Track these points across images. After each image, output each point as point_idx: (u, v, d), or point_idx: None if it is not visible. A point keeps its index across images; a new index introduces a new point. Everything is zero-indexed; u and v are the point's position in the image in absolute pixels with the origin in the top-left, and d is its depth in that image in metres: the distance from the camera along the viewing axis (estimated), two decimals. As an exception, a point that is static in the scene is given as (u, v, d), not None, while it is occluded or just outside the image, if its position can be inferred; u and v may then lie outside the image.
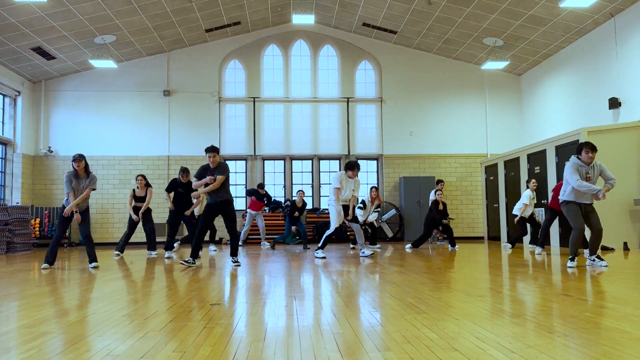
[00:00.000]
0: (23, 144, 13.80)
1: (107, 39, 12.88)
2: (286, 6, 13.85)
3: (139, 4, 11.56)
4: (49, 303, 4.07)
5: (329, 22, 14.86)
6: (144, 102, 14.71)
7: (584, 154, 6.50)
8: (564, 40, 12.71)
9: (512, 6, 11.51)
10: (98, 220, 14.38)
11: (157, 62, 14.81)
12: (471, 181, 15.15)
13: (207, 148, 7.18)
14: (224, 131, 14.89)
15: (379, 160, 15.24)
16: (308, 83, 15.23)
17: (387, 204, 14.78)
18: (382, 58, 15.26)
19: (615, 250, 9.43)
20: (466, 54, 14.83)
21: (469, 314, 3.37)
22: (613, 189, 9.88)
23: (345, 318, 3.32)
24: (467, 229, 15.03)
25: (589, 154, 6.47)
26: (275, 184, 15.09)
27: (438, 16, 12.77)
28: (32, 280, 5.73)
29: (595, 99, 11.86)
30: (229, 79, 15.10)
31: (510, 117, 15.39)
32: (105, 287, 4.99)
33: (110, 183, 14.36)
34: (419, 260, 7.86)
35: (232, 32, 14.69)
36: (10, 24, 11.11)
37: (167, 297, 4.31)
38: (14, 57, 12.59)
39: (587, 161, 6.49)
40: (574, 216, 6.52)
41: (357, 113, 15.23)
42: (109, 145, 14.51)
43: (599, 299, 3.92)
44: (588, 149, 6.46)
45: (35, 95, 14.44)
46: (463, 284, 4.88)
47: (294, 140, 15.02)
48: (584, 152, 6.49)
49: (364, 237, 9.88)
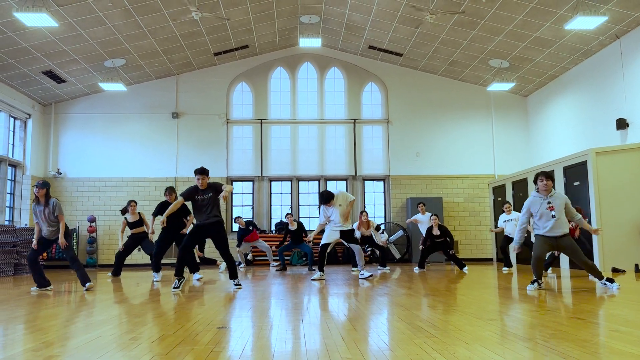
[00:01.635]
0: (32, 166, 13.93)
1: (117, 62, 13.07)
2: (293, 30, 14.03)
3: (148, 29, 11.75)
4: (55, 326, 4.05)
5: (336, 45, 15.02)
6: (152, 125, 14.84)
7: (539, 183, 6.47)
8: (570, 62, 12.76)
9: (518, 28, 11.59)
10: (105, 242, 14.39)
11: (166, 85, 14.99)
12: (479, 202, 15.08)
13: (197, 170, 6.94)
14: (231, 153, 14.96)
15: (385, 181, 15.23)
16: (315, 105, 15.33)
17: (395, 225, 14.72)
18: (389, 80, 15.37)
19: (626, 273, 9.30)
20: (472, 76, 14.90)
21: (480, 338, 3.31)
22: (616, 212, 9.86)
23: (354, 342, 3.27)
24: (476, 251, 14.91)
25: (543, 182, 6.42)
26: (282, 205, 15.09)
27: (444, 39, 12.88)
28: (39, 303, 5.71)
29: (603, 120, 11.84)
30: (236, 101, 15.23)
31: (517, 138, 15.38)
32: (111, 310, 4.97)
33: (118, 205, 14.39)
34: (427, 282, 7.78)
35: (240, 55, 14.87)
36: (22, 49, 11.30)
37: (173, 319, 4.28)
38: (25, 80, 12.79)
39: (544, 189, 6.41)
40: (537, 249, 6.47)
41: (363, 134, 15.28)
42: (117, 167, 14.61)
43: (611, 323, 3.85)
44: (543, 177, 6.44)
45: (45, 118, 14.61)
46: (473, 307, 4.82)
47: (300, 161, 15.06)
48: (539, 181, 6.47)
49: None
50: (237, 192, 15.07)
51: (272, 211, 15.08)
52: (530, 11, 10.78)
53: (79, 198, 14.42)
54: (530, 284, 6.42)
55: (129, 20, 11.18)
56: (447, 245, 10.44)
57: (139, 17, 11.15)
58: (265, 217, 14.90)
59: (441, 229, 10.49)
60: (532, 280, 6.47)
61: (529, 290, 6.23)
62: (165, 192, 9.25)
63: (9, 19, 10.00)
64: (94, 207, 14.43)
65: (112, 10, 10.62)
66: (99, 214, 14.39)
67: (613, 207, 9.94)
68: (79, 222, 14.25)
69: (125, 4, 10.50)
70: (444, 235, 10.46)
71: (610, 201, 9.97)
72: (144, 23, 11.47)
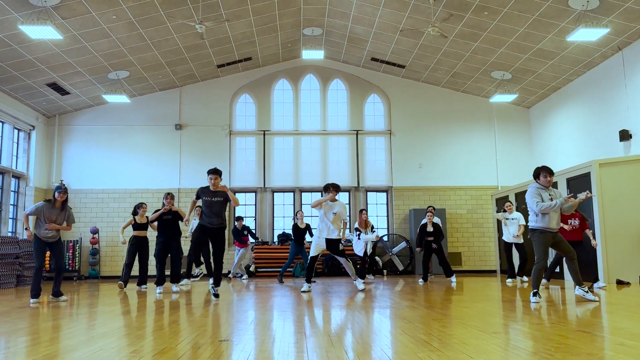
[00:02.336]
0: (36, 177, 13.96)
1: (120, 74, 13.14)
2: (296, 42, 14.11)
3: (152, 41, 11.83)
4: (58, 338, 4.03)
5: (338, 57, 15.09)
6: (155, 136, 14.89)
7: (542, 178, 6.53)
8: (573, 74, 12.78)
9: (520, 40, 11.63)
10: (107, 254, 14.38)
11: (169, 96, 15.06)
12: (482, 213, 15.04)
13: (210, 170, 7.08)
14: (234, 164, 14.99)
15: (388, 192, 15.21)
16: (317, 116, 15.37)
17: (398, 236, 14.68)
18: (391, 91, 15.41)
19: (631, 285, 9.24)
20: (474, 87, 14.93)
21: (484, 352, 3.29)
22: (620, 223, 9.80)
23: (357, 356, 3.25)
24: (479, 262, 14.84)
25: (547, 178, 6.50)
26: (284, 216, 15.07)
27: (446, 51, 12.93)
28: (41, 315, 5.70)
29: (606, 131, 11.83)
30: (239, 112, 15.29)
31: (520, 149, 15.37)
32: (114, 322, 4.95)
33: (120, 216, 14.40)
34: (430, 294, 7.73)
35: (243, 67, 14.95)
36: (27, 61, 11.39)
37: (175, 332, 4.26)
38: (29, 92, 12.87)
39: (546, 185, 6.51)
40: (541, 247, 6.41)
41: (366, 145, 15.29)
42: (120, 178, 14.63)
43: (617, 336, 3.81)
44: (546, 172, 6.51)
45: (49, 130, 14.68)
46: (476, 320, 4.78)
47: (303, 172, 15.07)
48: (542, 177, 6.53)
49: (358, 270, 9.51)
50: (240, 204, 15.05)
51: (275, 222, 15.06)
52: (532, 23, 10.82)
53: (82, 209, 14.43)
54: (532, 296, 6.36)
55: (133, 32, 11.26)
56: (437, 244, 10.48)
57: (142, 29, 11.23)
58: (268, 228, 14.88)
59: (435, 227, 10.56)
60: (533, 292, 6.41)
61: (533, 304, 6.17)
62: (164, 198, 9.23)
63: (14, 31, 10.09)
64: (97, 218, 14.44)
65: (116, 23, 10.71)
66: (102, 225, 14.39)
67: (617, 218, 9.89)
68: (82, 233, 14.25)
69: (129, 16, 10.58)
70: (436, 233, 10.57)
71: (614, 213, 9.93)
72: (148, 35, 11.56)
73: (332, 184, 8.46)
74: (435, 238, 10.56)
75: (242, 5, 11.24)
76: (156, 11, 10.62)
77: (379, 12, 11.76)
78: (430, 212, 10.85)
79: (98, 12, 10.19)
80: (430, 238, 10.57)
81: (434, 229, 10.61)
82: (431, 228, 10.60)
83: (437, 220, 11.46)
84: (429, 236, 10.57)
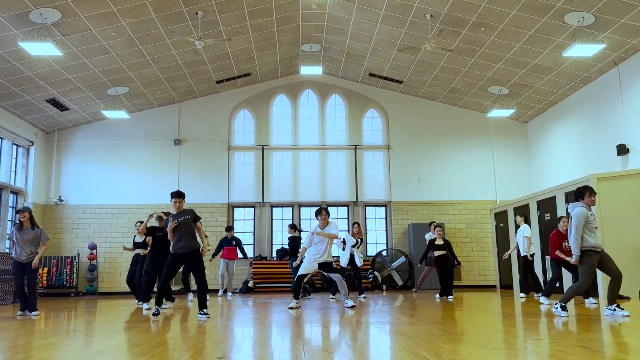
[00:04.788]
0: (34, 193, 13.95)
1: (119, 90, 13.20)
2: (295, 58, 14.21)
3: (151, 57, 11.90)
4: (54, 356, 3.99)
5: (336, 73, 15.19)
6: (154, 151, 14.91)
7: (587, 198, 6.34)
8: (569, 88, 12.86)
9: (517, 56, 11.73)
10: (105, 269, 14.31)
11: (168, 112, 15.11)
12: (481, 228, 15.02)
13: (173, 193, 6.95)
14: (232, 179, 14.99)
15: (387, 206, 15.21)
16: (316, 131, 15.42)
17: (397, 251, 14.64)
18: (389, 106, 15.49)
19: (631, 299, 9.20)
20: (472, 102, 15.02)
21: (484, 368, 3.26)
22: (619, 238, 9.80)
23: (356, 372, 3.22)
24: (479, 277, 14.79)
25: (591, 197, 6.34)
26: (283, 231, 15.03)
27: (443, 66, 13.03)
28: (39, 332, 5.65)
29: (603, 145, 11.88)
30: (238, 127, 15.33)
31: (518, 164, 15.41)
32: (110, 339, 4.91)
33: (119, 232, 14.37)
34: (430, 310, 7.69)
35: (242, 83, 15.03)
36: (27, 77, 11.44)
37: (173, 349, 4.22)
38: (28, 108, 12.91)
39: (590, 204, 6.35)
40: (589, 270, 6.26)
41: (364, 160, 15.32)
42: (119, 193, 14.62)
43: (618, 352, 3.79)
44: (590, 192, 6.34)
45: (48, 145, 14.70)
46: (477, 336, 4.75)
47: (302, 187, 15.08)
48: (587, 197, 6.34)
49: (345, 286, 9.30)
50: (239, 219, 15.05)
51: (274, 237, 15.02)
52: (529, 39, 10.92)
53: (80, 225, 14.39)
54: (562, 310, 6.34)
55: (133, 49, 11.34)
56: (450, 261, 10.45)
57: (142, 46, 11.31)
58: (267, 243, 14.84)
59: (445, 242, 10.67)
60: (561, 306, 6.37)
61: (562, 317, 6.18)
62: (157, 217, 9.30)
63: (14, 48, 10.15)
64: (95, 234, 14.39)
65: (115, 39, 10.78)
66: (100, 241, 14.33)
67: (615, 233, 9.89)
68: (80, 249, 14.19)
69: (129, 33, 10.66)
70: (447, 246, 10.59)
71: (613, 227, 9.92)
72: (147, 52, 11.63)
73: (324, 209, 8.46)
74: (450, 253, 10.58)
75: (242, 22, 11.34)
76: (156, 28, 10.70)
77: (377, 29, 11.87)
78: (439, 227, 10.91)
79: (98, 29, 10.27)
80: (440, 252, 10.53)
81: (444, 242, 10.65)
82: (441, 241, 10.62)
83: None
84: (440, 249, 10.53)
